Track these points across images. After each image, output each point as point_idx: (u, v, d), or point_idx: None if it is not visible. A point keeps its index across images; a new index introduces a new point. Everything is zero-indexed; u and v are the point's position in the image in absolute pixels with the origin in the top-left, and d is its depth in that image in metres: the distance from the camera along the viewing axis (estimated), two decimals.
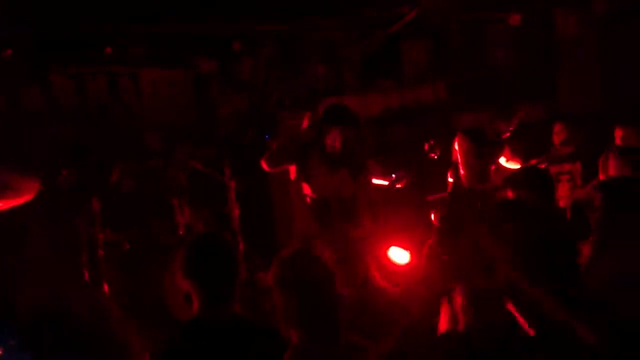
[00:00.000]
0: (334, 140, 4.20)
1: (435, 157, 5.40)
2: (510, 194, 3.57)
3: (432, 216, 3.29)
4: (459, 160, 5.36)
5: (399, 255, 4.12)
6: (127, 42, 7.11)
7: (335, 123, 4.18)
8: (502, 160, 5.54)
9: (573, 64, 8.05)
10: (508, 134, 5.37)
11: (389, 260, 4.11)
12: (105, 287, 4.86)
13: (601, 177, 3.78)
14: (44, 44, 6.55)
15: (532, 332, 2.13)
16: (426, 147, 5.47)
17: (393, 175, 4.56)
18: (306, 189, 4.45)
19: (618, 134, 5.27)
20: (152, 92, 7.29)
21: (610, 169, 3.74)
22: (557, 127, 6.30)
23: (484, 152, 5.35)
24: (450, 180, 5.29)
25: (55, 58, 6.79)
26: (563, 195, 5.51)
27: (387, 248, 4.15)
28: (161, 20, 6.83)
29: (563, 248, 2.50)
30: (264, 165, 4.34)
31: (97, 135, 6.68)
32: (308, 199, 4.46)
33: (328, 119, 4.21)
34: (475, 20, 8.14)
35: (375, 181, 4.70)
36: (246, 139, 7.24)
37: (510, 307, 2.20)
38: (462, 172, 5.32)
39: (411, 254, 4.04)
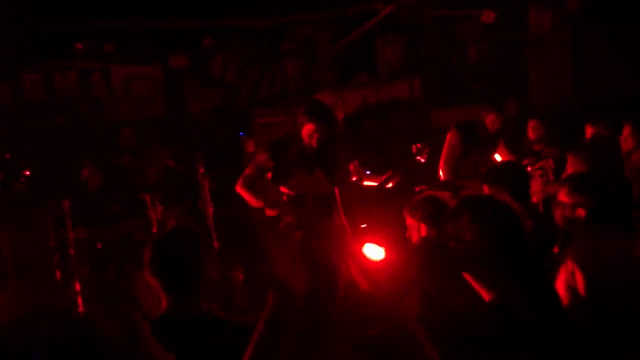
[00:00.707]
0: (310, 136, 4.21)
1: (423, 160, 5.36)
2: (486, 190, 3.56)
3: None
4: (442, 154, 5.29)
5: (374, 251, 4.10)
6: (98, 38, 7.01)
7: (312, 119, 4.20)
8: (498, 158, 5.51)
9: (545, 61, 8.12)
10: (496, 132, 5.33)
11: (364, 256, 4.09)
12: (77, 287, 4.77)
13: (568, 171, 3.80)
14: (14, 39, 6.42)
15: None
16: (414, 150, 5.43)
17: (383, 176, 4.52)
18: (282, 188, 4.45)
19: (589, 130, 5.31)
20: (123, 88, 7.20)
21: (569, 166, 3.77)
22: (533, 123, 6.34)
23: (472, 150, 5.28)
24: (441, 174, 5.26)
25: (26, 54, 6.66)
26: (536, 190, 5.53)
27: (363, 244, 4.13)
28: (132, 16, 6.74)
29: (535, 242, 2.50)
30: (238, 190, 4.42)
31: (67, 132, 6.57)
32: (285, 197, 4.46)
33: (306, 115, 4.22)
34: (449, 17, 8.17)
35: (366, 183, 4.66)
36: (219, 135, 7.18)
37: (468, 277, 2.18)
38: (441, 164, 5.26)
39: (386, 250, 4.02)
